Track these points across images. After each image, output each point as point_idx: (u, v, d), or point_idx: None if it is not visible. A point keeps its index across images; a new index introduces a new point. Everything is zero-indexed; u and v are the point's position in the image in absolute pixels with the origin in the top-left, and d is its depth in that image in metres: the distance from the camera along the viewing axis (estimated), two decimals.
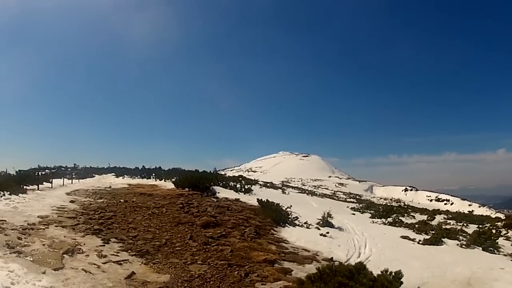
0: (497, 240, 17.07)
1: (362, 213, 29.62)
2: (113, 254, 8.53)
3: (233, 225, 11.83)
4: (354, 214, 26.97)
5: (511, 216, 33.25)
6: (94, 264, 7.68)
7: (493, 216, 51.15)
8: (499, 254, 15.80)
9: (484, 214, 51.32)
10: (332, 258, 11.01)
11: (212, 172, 38.88)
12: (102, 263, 7.85)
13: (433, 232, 19.41)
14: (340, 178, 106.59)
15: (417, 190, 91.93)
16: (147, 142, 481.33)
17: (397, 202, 62.87)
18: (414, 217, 32.51)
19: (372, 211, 32.38)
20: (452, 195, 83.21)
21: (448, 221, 30.78)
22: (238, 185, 28.54)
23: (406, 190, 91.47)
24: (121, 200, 16.64)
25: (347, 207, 35.29)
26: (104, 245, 9.20)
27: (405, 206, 48.70)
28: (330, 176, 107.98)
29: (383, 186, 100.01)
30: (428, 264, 11.65)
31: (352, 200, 53.65)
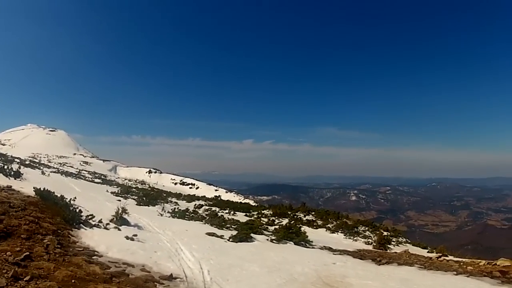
0: (306, 234, 16.98)
1: (125, 199, 26.57)
2: None
3: (27, 234, 7.30)
4: (120, 200, 23.88)
5: (278, 205, 35.22)
6: None
7: (242, 201, 54.88)
8: (313, 248, 15.93)
9: (234, 200, 54.34)
10: (171, 275, 8.24)
11: None
12: None
13: (234, 227, 18.09)
14: (85, 156, 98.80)
15: (161, 172, 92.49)
16: None
17: (141, 184, 61.63)
18: (177, 203, 31.34)
19: (134, 197, 29.69)
20: (196, 179, 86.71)
21: (213, 208, 30.49)
22: (6, 166, 21.71)
23: (150, 172, 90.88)
24: None
25: (107, 191, 31.68)
26: None
27: (158, 190, 47.80)
28: (75, 154, 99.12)
29: (127, 166, 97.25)
30: (267, 267, 10.73)
31: (99, 180, 49.29)
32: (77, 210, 11.90)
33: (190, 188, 75.73)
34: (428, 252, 21.20)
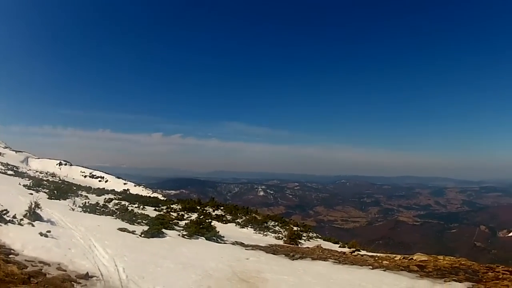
0: (217, 229, 17.30)
1: (37, 192, 25.28)
2: None
3: None
4: (32, 194, 22.71)
5: (187, 200, 35.29)
6: None
7: (151, 195, 54.21)
8: (225, 243, 16.26)
9: (143, 194, 53.52)
10: (87, 273, 8.25)
11: None
12: None
13: (145, 222, 17.89)
14: None
15: (71, 164, 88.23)
16: None
17: (52, 177, 58.63)
18: (87, 197, 30.35)
19: (46, 190, 28.32)
20: (105, 172, 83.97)
21: (123, 202, 29.95)
22: None
23: (60, 164, 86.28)
24: None
25: (20, 184, 29.86)
26: None
27: (68, 183, 45.75)
28: None
29: (39, 158, 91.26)
30: (181, 263, 10.87)
31: (12, 173, 46.22)
32: None
33: (100, 181, 73.31)
34: (340, 247, 22.33)
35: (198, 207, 30.27)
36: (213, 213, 28.57)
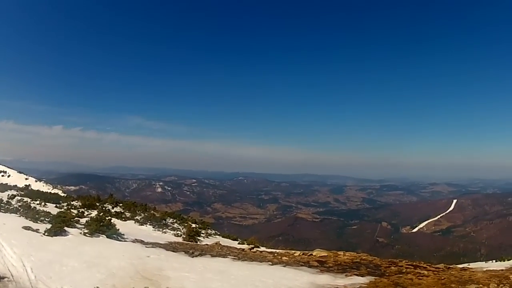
0: (117, 226, 17.58)
1: None
2: None
3: None
4: None
5: (87, 197, 34.38)
6: None
7: (51, 191, 51.85)
8: (125, 241, 16.69)
9: (44, 190, 51.04)
10: None
11: None
12: None
13: (47, 220, 17.67)
14: None
15: None
16: None
17: None
18: None
19: None
20: (7, 166, 78.00)
21: (25, 198, 28.73)
22: None
23: None
24: None
25: None
26: None
27: None
28: None
29: None
30: (85, 262, 11.03)
31: None
32: None
33: (2, 176, 68.01)
34: (239, 243, 23.12)
35: (98, 204, 29.87)
36: (113, 210, 28.44)
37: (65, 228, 15.79)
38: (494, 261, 21.81)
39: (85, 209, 27.48)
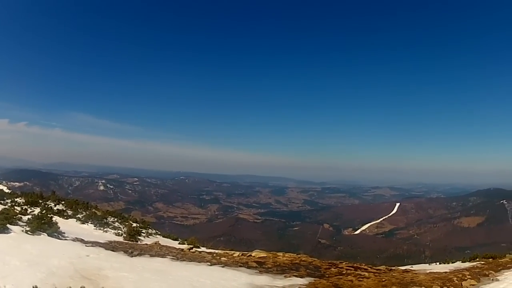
0: (58, 224, 17.84)
1: None
2: None
3: None
4: None
5: (30, 193, 33.84)
6: None
7: None
8: (66, 239, 16.93)
9: None
10: None
11: None
12: None
13: None
14: None
15: None
16: None
17: None
18: None
19: None
20: None
21: None
22: None
23: None
24: None
25: None
26: None
27: None
28: None
29: None
30: (26, 261, 10.90)
31: None
32: None
33: None
34: (179, 243, 23.65)
35: (40, 201, 29.58)
36: (55, 208, 28.27)
37: (8, 225, 15.83)
38: (438, 263, 21.98)
39: (28, 206, 27.26)
